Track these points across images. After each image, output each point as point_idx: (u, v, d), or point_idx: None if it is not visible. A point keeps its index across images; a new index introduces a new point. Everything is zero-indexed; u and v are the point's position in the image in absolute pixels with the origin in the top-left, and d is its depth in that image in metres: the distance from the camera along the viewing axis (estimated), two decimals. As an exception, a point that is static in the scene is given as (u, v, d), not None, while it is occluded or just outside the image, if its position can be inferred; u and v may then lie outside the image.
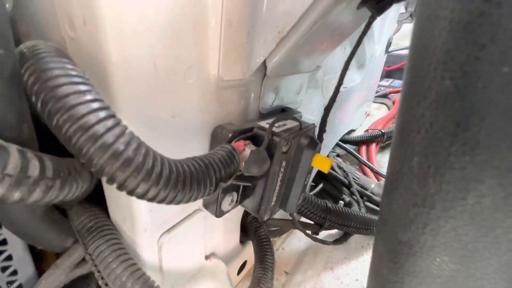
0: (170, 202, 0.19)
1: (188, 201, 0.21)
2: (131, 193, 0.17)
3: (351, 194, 0.79)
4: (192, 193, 0.20)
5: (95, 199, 0.31)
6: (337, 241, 0.62)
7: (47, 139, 0.23)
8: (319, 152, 0.34)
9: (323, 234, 0.67)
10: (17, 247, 0.29)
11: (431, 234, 0.15)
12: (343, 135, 1.04)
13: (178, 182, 0.19)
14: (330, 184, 0.84)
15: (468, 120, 0.11)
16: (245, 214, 0.51)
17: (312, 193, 0.79)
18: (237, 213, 0.44)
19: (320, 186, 0.83)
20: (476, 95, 0.10)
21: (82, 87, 0.16)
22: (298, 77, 0.41)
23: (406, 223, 0.16)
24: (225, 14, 0.24)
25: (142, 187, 0.17)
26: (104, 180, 0.17)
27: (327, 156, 0.89)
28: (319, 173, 0.88)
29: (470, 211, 0.12)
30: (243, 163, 0.27)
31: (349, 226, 0.58)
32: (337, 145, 0.99)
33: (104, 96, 0.21)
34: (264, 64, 0.31)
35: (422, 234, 0.15)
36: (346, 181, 0.81)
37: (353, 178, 0.83)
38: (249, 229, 0.51)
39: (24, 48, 0.17)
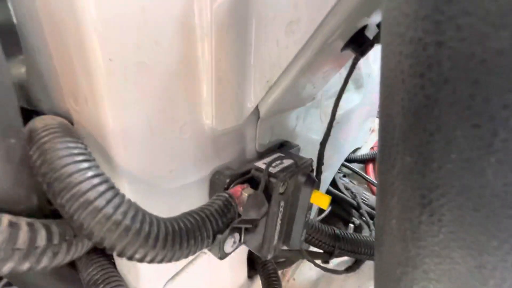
0: (169, 261, 0.20)
1: (187, 256, 0.22)
2: (130, 259, 0.18)
3: (361, 216, 0.78)
4: (189, 249, 0.21)
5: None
6: (349, 269, 0.61)
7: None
8: (317, 188, 0.34)
9: (334, 261, 0.65)
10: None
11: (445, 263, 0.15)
12: (349, 154, 1.03)
13: (174, 242, 0.20)
14: (339, 207, 0.82)
15: (431, 195, 0.12)
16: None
17: (320, 217, 0.78)
18: (243, 249, 0.44)
19: (329, 209, 0.82)
20: (434, 174, 0.11)
21: (85, 164, 0.18)
22: (294, 112, 0.43)
23: (395, 280, 0.16)
24: (214, 73, 0.26)
25: (139, 253, 0.18)
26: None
27: (334, 177, 0.88)
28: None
29: (448, 276, 0.13)
30: (241, 207, 0.28)
31: (360, 253, 0.57)
32: (343, 165, 0.98)
33: (105, 160, 0.22)
34: (257, 108, 0.33)
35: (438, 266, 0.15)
36: (354, 202, 0.80)
37: (362, 199, 0.81)
38: (256, 263, 0.50)
39: (33, 129, 0.19)
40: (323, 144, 0.39)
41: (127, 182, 0.23)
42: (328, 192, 0.84)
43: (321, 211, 0.83)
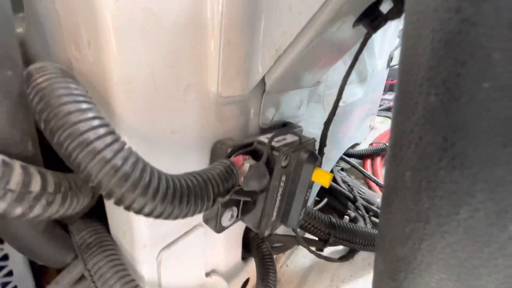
0: (167, 217, 0.20)
1: (185, 216, 0.21)
2: (128, 208, 0.17)
3: (357, 209, 0.77)
4: (189, 208, 0.21)
5: (97, 214, 0.31)
6: (343, 258, 0.61)
7: (51, 156, 0.23)
8: (319, 166, 0.33)
9: (328, 251, 0.65)
10: (18, 263, 0.30)
11: (427, 250, 0.14)
12: (347, 149, 1.03)
13: (174, 197, 0.19)
14: (335, 199, 0.82)
15: (455, 135, 0.11)
16: (247, 230, 0.50)
17: (316, 208, 0.78)
18: (239, 229, 0.44)
19: (325, 201, 0.82)
20: (460, 110, 0.11)
21: (84, 105, 0.17)
22: (298, 93, 0.42)
23: (403, 239, 0.16)
24: (224, 35, 0.25)
25: (138, 202, 0.17)
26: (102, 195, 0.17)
27: (331, 170, 0.88)
28: (324, 187, 0.86)
29: (464, 226, 0.12)
30: (242, 177, 0.27)
31: (354, 243, 0.57)
32: (341, 159, 0.98)
33: (106, 112, 0.21)
34: (263, 80, 0.32)
35: (419, 250, 0.15)
36: (351, 195, 0.80)
37: (358, 193, 0.81)
38: (251, 245, 0.50)
39: (32, 69, 0.18)
40: (327, 124, 0.38)
41: (127, 136, 0.22)
42: (325, 183, 0.84)
43: (317, 202, 0.83)
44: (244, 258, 0.50)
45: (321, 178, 0.33)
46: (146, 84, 0.22)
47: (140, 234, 0.27)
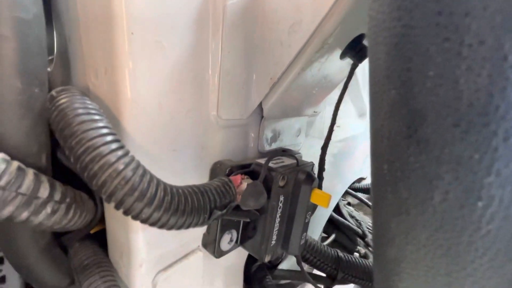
0: (163, 226, 0.20)
1: (181, 226, 0.21)
2: (127, 212, 0.18)
3: (367, 245, 0.73)
4: (185, 218, 0.21)
5: (98, 240, 0.31)
6: (354, 298, 0.56)
7: (62, 173, 0.25)
8: (316, 187, 0.34)
9: (338, 291, 0.60)
10: (14, 287, 0.29)
11: (414, 244, 0.14)
12: (353, 183, 1.02)
13: (171, 204, 0.20)
14: (343, 235, 0.79)
15: (415, 122, 0.12)
16: (250, 265, 0.48)
17: (324, 243, 0.75)
18: (239, 260, 0.42)
19: (332, 237, 0.78)
20: (415, 99, 0.12)
21: (100, 123, 0.19)
22: (297, 121, 0.44)
23: (390, 237, 0.16)
24: (222, 65, 0.29)
25: (136, 206, 0.18)
26: (104, 198, 0.18)
27: (337, 205, 0.86)
28: (331, 222, 0.83)
29: (440, 211, 0.13)
30: (240, 196, 0.28)
31: (365, 279, 0.53)
32: (348, 193, 0.96)
33: (116, 130, 0.24)
34: (260, 106, 0.35)
35: (406, 246, 0.15)
36: (359, 231, 0.77)
37: (367, 228, 0.78)
38: (253, 279, 0.47)
39: (54, 92, 0.21)
40: (324, 148, 0.40)
41: (134, 152, 0.24)
42: (332, 218, 0.81)
43: (323, 238, 0.79)
44: (246, 294, 0.47)
45: (320, 198, 0.33)
46: (151, 105, 0.24)
47: (137, 252, 0.27)
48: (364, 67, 0.77)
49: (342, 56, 0.34)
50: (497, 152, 0.10)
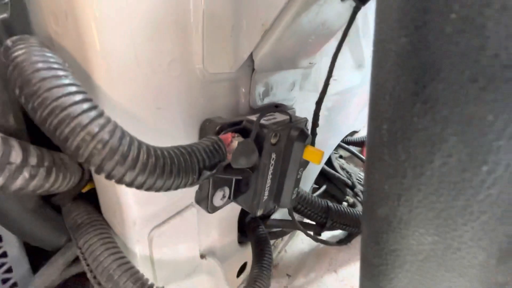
0: (149, 188, 0.19)
1: (169, 188, 0.21)
2: (108, 176, 0.17)
3: (355, 195, 0.77)
4: (173, 179, 0.20)
5: (90, 199, 0.31)
6: (341, 242, 0.61)
7: (41, 139, 0.23)
8: (309, 144, 0.33)
9: (326, 236, 0.65)
10: (12, 245, 0.30)
11: (406, 206, 0.14)
12: (346, 137, 1.03)
13: (156, 167, 0.19)
14: (334, 186, 0.82)
15: (425, 76, 0.11)
16: (244, 216, 0.50)
17: (315, 194, 0.78)
18: (233, 212, 0.44)
19: (323, 187, 0.82)
20: (430, 49, 0.10)
21: (65, 80, 0.17)
22: (290, 74, 0.41)
23: (383, 197, 0.15)
24: (206, 8, 0.25)
25: (118, 170, 0.17)
26: (80, 161, 0.17)
27: (329, 157, 0.88)
28: (322, 174, 0.86)
29: (438, 174, 0.12)
30: (231, 155, 0.27)
31: (351, 226, 0.57)
32: (340, 146, 0.98)
33: (87, 88, 0.21)
34: (251, 58, 0.32)
35: (398, 207, 0.15)
36: (349, 182, 0.80)
37: (357, 179, 0.81)
38: (247, 229, 0.50)
39: (9, 42, 0.18)
40: (318, 103, 0.38)
41: (111, 110, 0.21)
42: (323, 171, 0.84)
43: (315, 189, 0.83)
44: (242, 242, 0.51)
45: (312, 155, 0.32)
46: (127, 57, 0.21)
47: (129, 212, 0.27)
48: (366, 12, 0.70)
49: (344, -2, 0.30)
50: (516, 113, 0.09)
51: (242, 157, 0.27)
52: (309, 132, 0.38)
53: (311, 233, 0.55)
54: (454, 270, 0.14)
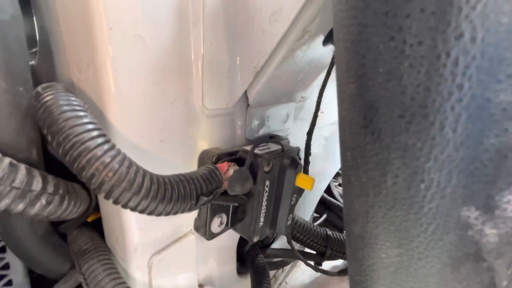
0: (151, 212, 0.22)
1: (169, 212, 0.23)
2: (116, 201, 0.20)
3: (356, 223, 0.77)
4: (172, 204, 0.23)
5: (95, 227, 0.33)
6: (342, 272, 0.59)
7: (54, 168, 0.26)
8: (301, 171, 0.36)
9: (327, 266, 0.64)
10: (18, 273, 0.31)
11: (373, 221, 0.16)
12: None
13: (158, 192, 0.21)
14: (334, 215, 0.82)
15: (370, 113, 0.14)
16: (243, 245, 0.51)
17: (315, 224, 0.78)
18: (231, 241, 0.45)
19: (324, 216, 0.82)
20: (369, 92, 0.13)
21: (85, 119, 0.20)
22: (284, 107, 0.45)
23: (356, 216, 0.17)
24: (205, 55, 0.29)
25: (124, 195, 0.20)
26: (92, 187, 0.19)
27: (328, 186, 0.89)
28: (322, 203, 0.87)
29: (391, 193, 0.14)
30: (227, 182, 0.30)
31: (352, 255, 0.56)
32: (339, 174, 0.99)
33: (102, 124, 0.25)
34: (246, 95, 0.36)
35: (367, 223, 0.17)
36: (350, 210, 0.80)
37: (357, 207, 0.81)
38: (246, 259, 0.50)
39: (40, 88, 0.22)
40: (309, 134, 0.41)
41: (121, 144, 0.25)
42: (323, 199, 0.84)
43: (315, 218, 0.83)
44: (241, 273, 0.51)
45: (304, 182, 0.35)
46: (136, 99, 0.25)
47: (131, 238, 0.28)
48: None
49: (325, 43, 0.34)
50: (435, 140, 0.12)
51: (237, 184, 0.30)
52: (302, 160, 0.41)
53: (312, 263, 0.55)
54: (420, 280, 0.15)
